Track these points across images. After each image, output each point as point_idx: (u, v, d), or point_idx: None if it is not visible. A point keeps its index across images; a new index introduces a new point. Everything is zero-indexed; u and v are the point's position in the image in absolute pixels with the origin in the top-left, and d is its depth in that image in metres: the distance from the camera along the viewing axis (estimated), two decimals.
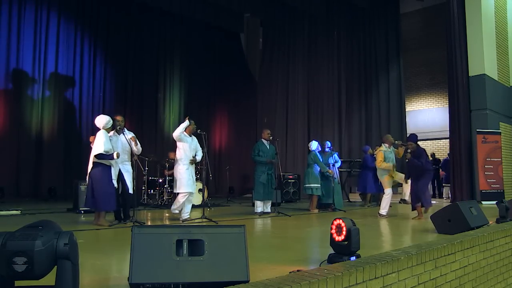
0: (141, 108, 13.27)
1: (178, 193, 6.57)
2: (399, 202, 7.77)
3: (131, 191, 5.98)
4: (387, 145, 7.64)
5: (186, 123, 6.63)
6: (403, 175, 7.53)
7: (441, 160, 14.07)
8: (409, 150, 7.04)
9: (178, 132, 6.56)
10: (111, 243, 4.65)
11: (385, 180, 7.41)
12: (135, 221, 5.77)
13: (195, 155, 6.73)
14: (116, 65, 12.82)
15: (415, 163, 6.95)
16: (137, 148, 6.11)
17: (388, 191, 7.39)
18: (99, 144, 5.57)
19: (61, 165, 11.24)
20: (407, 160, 7.15)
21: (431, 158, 14.13)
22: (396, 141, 7.75)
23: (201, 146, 6.84)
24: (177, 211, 6.58)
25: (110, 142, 5.73)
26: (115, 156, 5.60)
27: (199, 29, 14.69)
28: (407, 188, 7.66)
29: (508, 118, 11.60)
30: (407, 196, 7.67)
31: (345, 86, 13.73)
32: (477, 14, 10.62)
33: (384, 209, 7.31)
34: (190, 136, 6.73)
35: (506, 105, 11.56)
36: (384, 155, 7.45)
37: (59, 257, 2.02)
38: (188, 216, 6.58)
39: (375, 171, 10.17)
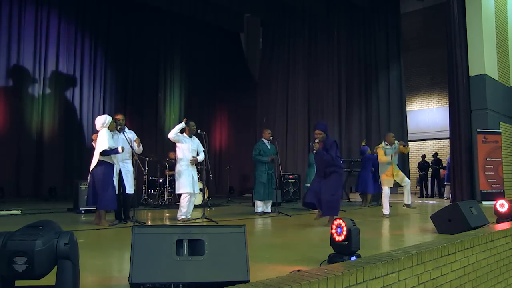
0: (141, 108, 13.28)
1: (179, 196, 6.60)
2: (403, 206, 7.72)
3: (131, 190, 5.98)
4: (387, 143, 7.61)
5: (182, 125, 6.61)
6: (403, 177, 7.49)
7: (441, 160, 14.06)
8: (316, 140, 6.01)
9: (172, 134, 6.54)
10: (111, 243, 4.65)
11: (383, 177, 7.41)
12: (135, 221, 5.77)
13: (197, 155, 6.74)
14: (117, 64, 12.83)
15: (323, 156, 5.89)
16: (139, 149, 6.13)
17: (384, 190, 7.35)
18: (103, 141, 5.59)
19: (62, 165, 11.25)
20: (314, 151, 6.13)
21: (432, 158, 14.12)
22: (397, 141, 7.65)
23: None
24: (183, 216, 6.51)
25: (112, 140, 5.75)
26: (120, 150, 5.62)
27: (199, 29, 14.70)
28: (407, 192, 7.59)
29: (509, 118, 11.59)
30: (409, 201, 7.59)
31: (345, 86, 13.73)
32: (477, 14, 10.62)
33: (385, 209, 7.31)
34: (190, 136, 6.72)
35: (506, 105, 11.55)
36: (384, 152, 7.47)
37: (59, 257, 2.02)
38: (189, 216, 6.58)
39: (374, 171, 10.18)
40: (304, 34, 14.58)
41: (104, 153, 5.58)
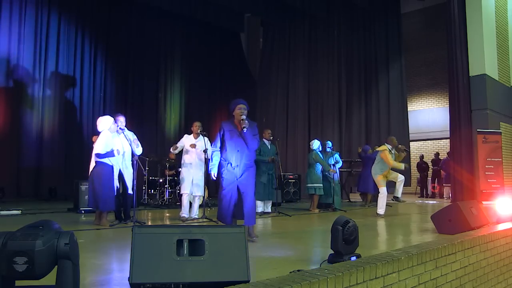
0: (141, 108, 13.26)
1: (180, 196, 6.78)
2: (392, 200, 7.76)
3: (131, 191, 5.98)
4: (390, 146, 7.63)
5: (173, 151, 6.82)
6: (396, 175, 7.52)
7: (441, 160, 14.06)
8: (243, 117, 4.64)
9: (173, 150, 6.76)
10: (111, 243, 4.65)
11: (378, 179, 7.49)
12: (135, 221, 5.77)
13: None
14: (117, 64, 12.82)
15: (251, 140, 4.60)
16: (138, 150, 6.14)
17: (382, 190, 7.44)
18: (101, 144, 5.60)
19: (62, 165, 11.23)
20: (244, 129, 4.64)
21: (434, 157, 14.05)
22: (400, 145, 7.67)
23: None
24: (184, 215, 6.57)
25: (112, 143, 5.75)
26: (115, 153, 5.63)
27: (199, 29, 14.69)
28: (400, 185, 7.62)
29: (509, 118, 11.58)
30: (399, 194, 7.62)
31: (346, 86, 13.72)
32: (477, 14, 10.61)
33: (381, 208, 7.34)
34: (196, 138, 6.74)
35: (507, 105, 11.54)
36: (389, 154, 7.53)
37: (59, 257, 2.02)
38: (194, 216, 6.60)
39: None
40: (304, 34, 14.58)
41: (98, 156, 5.61)
